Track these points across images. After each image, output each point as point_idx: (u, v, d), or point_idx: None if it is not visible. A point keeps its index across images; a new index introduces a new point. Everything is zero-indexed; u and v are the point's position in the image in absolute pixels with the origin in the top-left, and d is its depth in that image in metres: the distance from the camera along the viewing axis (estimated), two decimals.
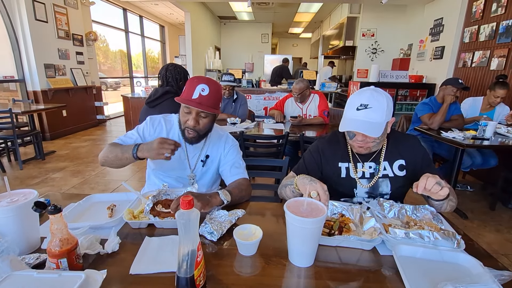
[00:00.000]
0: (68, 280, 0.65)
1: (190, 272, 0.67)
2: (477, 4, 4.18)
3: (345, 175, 1.23)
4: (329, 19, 9.31)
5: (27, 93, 4.94)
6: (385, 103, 1.07)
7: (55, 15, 5.11)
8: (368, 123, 1.06)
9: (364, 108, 1.07)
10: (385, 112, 1.07)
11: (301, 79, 3.02)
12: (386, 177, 1.20)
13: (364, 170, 1.21)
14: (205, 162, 1.34)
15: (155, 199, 1.07)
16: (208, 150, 1.35)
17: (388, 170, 1.20)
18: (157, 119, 1.34)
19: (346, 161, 1.24)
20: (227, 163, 1.34)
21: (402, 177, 1.20)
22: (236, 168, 1.32)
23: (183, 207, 0.66)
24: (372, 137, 1.08)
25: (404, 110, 4.70)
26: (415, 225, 0.97)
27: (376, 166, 1.21)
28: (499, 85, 2.83)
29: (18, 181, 3.32)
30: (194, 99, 1.13)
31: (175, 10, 8.59)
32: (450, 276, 0.75)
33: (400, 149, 1.21)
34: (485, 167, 2.90)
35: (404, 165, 1.20)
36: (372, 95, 1.08)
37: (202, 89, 1.13)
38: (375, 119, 1.06)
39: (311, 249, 0.81)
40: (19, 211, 0.80)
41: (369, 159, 1.21)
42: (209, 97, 1.15)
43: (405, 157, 1.20)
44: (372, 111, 1.06)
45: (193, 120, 1.17)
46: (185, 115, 1.20)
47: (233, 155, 1.35)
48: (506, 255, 2.14)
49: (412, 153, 1.20)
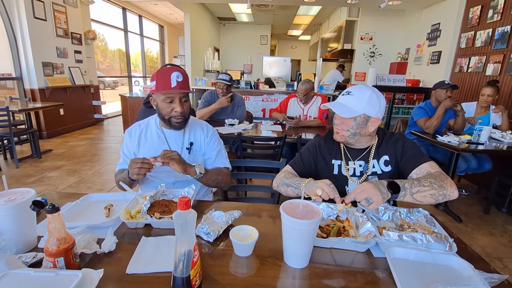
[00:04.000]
0: (65, 279, 0.65)
1: (186, 272, 0.67)
2: (473, 10, 4.23)
3: (337, 172, 1.28)
4: (328, 22, 9.35)
5: (25, 91, 4.92)
6: (367, 95, 1.14)
7: (54, 14, 5.10)
8: (343, 106, 1.17)
9: (347, 94, 1.20)
10: (364, 102, 1.14)
11: (307, 80, 3.03)
12: (375, 175, 1.25)
13: (355, 167, 1.26)
14: (190, 149, 1.38)
15: (152, 199, 1.07)
16: (191, 137, 1.40)
17: (377, 167, 1.26)
18: (132, 127, 1.42)
19: (338, 158, 1.29)
20: (211, 152, 1.41)
21: (388, 173, 1.25)
22: (219, 157, 1.42)
23: (180, 208, 0.67)
24: (347, 123, 1.17)
25: (401, 114, 4.73)
26: (409, 228, 0.99)
27: (365, 165, 1.26)
28: (486, 84, 2.93)
29: (14, 179, 3.30)
30: (174, 87, 1.19)
31: (174, 10, 8.59)
32: (442, 278, 0.77)
33: (386, 146, 1.26)
34: (480, 171, 2.93)
35: (388, 160, 1.25)
36: (360, 87, 1.18)
37: (177, 76, 1.20)
38: (351, 104, 1.16)
39: (306, 251, 0.82)
40: (17, 210, 0.80)
41: (359, 157, 1.27)
42: (184, 81, 1.23)
43: (388, 152, 1.25)
44: (352, 97, 1.17)
45: (180, 106, 1.24)
46: (168, 105, 1.25)
47: (215, 143, 1.43)
48: (500, 259, 2.17)
49: (393, 146, 1.25)
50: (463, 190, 3.35)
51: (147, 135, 1.39)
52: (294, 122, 2.93)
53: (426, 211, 1.07)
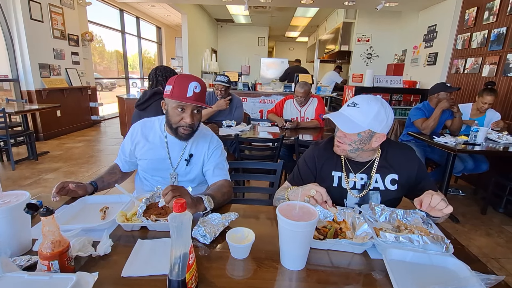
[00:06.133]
0: (59, 283, 0.65)
1: (182, 275, 0.67)
2: (469, 12, 4.27)
3: (337, 184, 1.22)
4: (325, 23, 9.39)
5: (21, 92, 4.89)
6: (375, 110, 1.05)
7: (51, 15, 5.08)
8: (347, 119, 1.08)
9: (353, 106, 1.09)
10: (371, 117, 1.05)
11: (305, 83, 3.04)
12: (377, 190, 1.19)
13: (356, 180, 1.20)
14: (189, 161, 1.34)
15: (148, 201, 1.07)
16: (192, 149, 1.36)
17: (380, 183, 1.19)
18: (134, 128, 1.39)
19: (339, 170, 1.22)
20: (211, 164, 1.36)
21: (393, 191, 1.19)
22: (220, 169, 1.35)
23: (176, 210, 0.66)
24: (350, 137, 1.09)
25: (398, 115, 4.75)
26: (405, 229, 0.99)
27: (368, 180, 1.19)
28: (487, 92, 2.90)
29: (10, 181, 3.27)
30: (189, 97, 1.16)
31: (172, 12, 8.60)
32: (439, 280, 0.77)
33: (394, 162, 1.19)
34: (476, 172, 2.95)
35: (396, 180, 1.18)
36: (368, 99, 1.08)
37: (195, 87, 1.17)
38: (356, 118, 1.07)
39: (302, 252, 0.82)
40: (11, 213, 0.79)
41: (361, 170, 1.20)
42: (201, 93, 1.19)
43: (399, 172, 1.18)
44: (358, 111, 1.07)
45: (190, 117, 1.20)
46: (178, 113, 1.20)
47: (217, 156, 1.38)
48: (496, 259, 2.18)
49: (406, 168, 1.18)
50: (460, 191, 3.37)
51: (149, 136, 1.36)
52: (293, 125, 2.94)
53: (423, 212, 1.07)
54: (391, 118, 1.09)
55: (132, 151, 1.37)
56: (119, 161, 1.42)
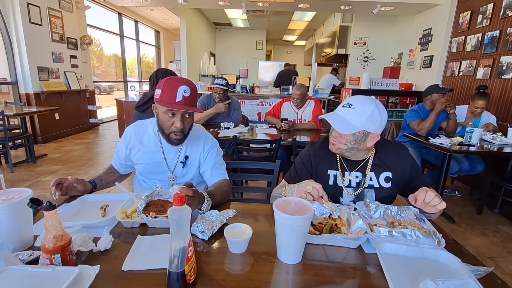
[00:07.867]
0: (61, 275, 0.66)
1: (181, 267, 0.69)
2: (463, 15, 4.34)
3: (333, 182, 1.24)
4: (322, 27, 9.49)
5: (20, 95, 4.90)
6: (369, 111, 1.08)
7: (49, 18, 5.11)
8: (342, 120, 1.11)
9: (348, 107, 1.12)
10: (366, 118, 1.08)
11: (301, 85, 3.08)
12: (371, 188, 1.22)
13: (351, 179, 1.22)
14: (185, 163, 1.34)
15: (148, 199, 1.08)
16: (187, 151, 1.35)
17: (374, 181, 1.22)
18: (127, 133, 1.37)
19: (334, 168, 1.25)
20: (208, 164, 1.35)
21: (387, 189, 1.22)
22: (217, 169, 1.35)
23: (175, 204, 0.69)
24: (345, 137, 1.13)
25: (394, 117, 4.79)
26: (399, 225, 1.01)
27: (362, 178, 1.22)
28: (478, 96, 2.94)
29: (8, 184, 3.25)
30: (178, 101, 1.13)
31: (170, 16, 8.65)
32: (431, 272, 0.80)
33: (388, 161, 1.22)
34: (472, 172, 2.98)
35: (390, 178, 1.21)
36: (362, 100, 1.11)
37: (184, 91, 1.13)
38: (351, 119, 1.10)
39: (298, 246, 0.84)
40: (14, 209, 0.81)
41: (356, 169, 1.23)
42: (191, 97, 1.16)
43: (393, 170, 1.21)
44: (353, 112, 1.10)
45: (180, 122, 1.18)
46: (169, 118, 1.19)
47: (213, 156, 1.37)
48: (492, 258, 2.20)
49: (400, 165, 1.21)
50: (456, 192, 3.40)
51: (144, 140, 1.34)
52: (289, 124, 2.97)
53: (417, 209, 1.09)
54: (385, 118, 1.12)
55: (127, 155, 1.37)
56: (115, 164, 1.42)
